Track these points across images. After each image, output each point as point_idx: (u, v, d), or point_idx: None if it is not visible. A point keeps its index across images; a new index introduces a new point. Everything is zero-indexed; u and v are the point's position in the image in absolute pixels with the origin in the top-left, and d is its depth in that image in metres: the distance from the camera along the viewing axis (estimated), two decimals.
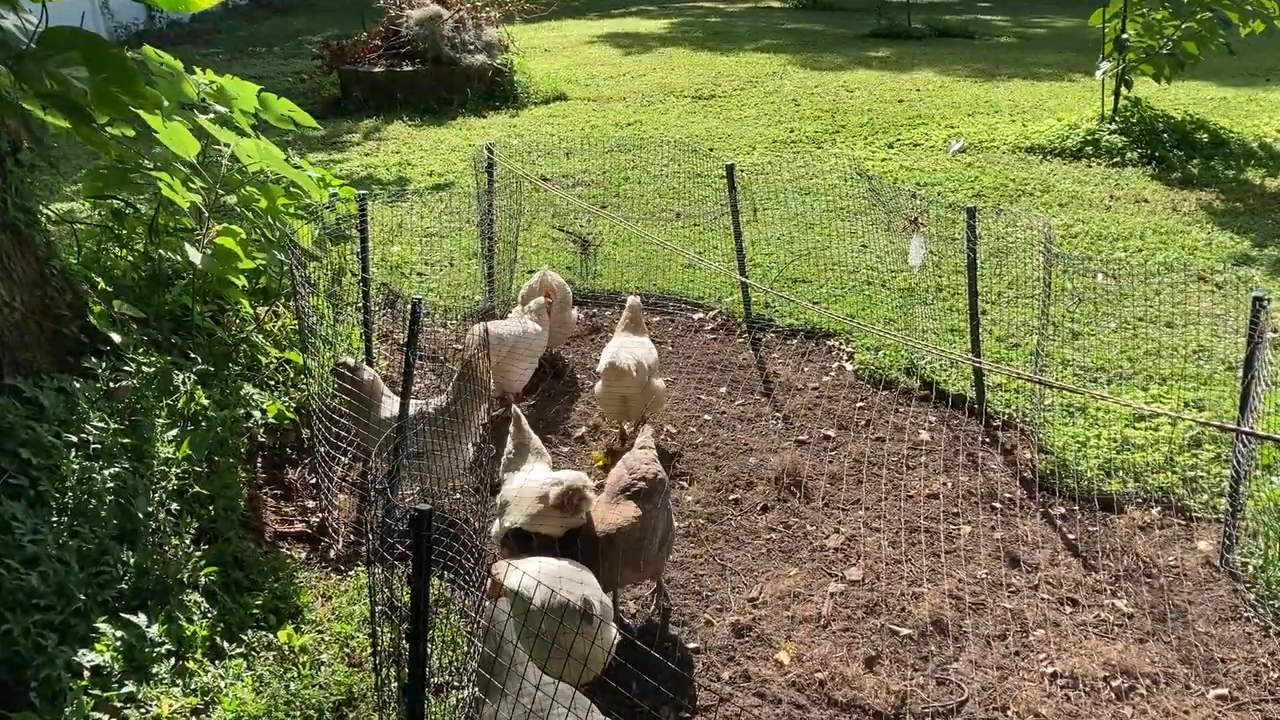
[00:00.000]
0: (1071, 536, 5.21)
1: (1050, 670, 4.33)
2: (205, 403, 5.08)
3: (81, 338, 5.12)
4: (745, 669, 4.32)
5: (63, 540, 3.98)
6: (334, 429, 5.14)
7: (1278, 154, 11.21)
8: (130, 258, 6.00)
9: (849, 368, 6.96)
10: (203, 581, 4.33)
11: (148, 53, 5.52)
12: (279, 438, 5.71)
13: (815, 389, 6.70)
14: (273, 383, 5.81)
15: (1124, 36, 11.33)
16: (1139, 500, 5.44)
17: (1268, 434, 4.39)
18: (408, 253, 8.60)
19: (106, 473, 4.33)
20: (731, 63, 17.85)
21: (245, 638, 4.17)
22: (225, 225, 5.80)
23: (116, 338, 5.23)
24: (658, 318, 7.79)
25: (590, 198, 10.35)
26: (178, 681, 3.89)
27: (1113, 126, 11.58)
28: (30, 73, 4.46)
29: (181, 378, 5.10)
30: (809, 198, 10.06)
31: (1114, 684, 4.25)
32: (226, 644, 4.13)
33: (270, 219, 6.07)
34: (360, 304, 6.04)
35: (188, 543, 4.40)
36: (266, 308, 6.22)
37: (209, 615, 4.23)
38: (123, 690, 3.76)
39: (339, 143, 13.00)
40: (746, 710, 4.08)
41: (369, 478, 5.59)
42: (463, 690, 3.88)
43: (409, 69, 14.96)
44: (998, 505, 5.47)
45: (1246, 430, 4.54)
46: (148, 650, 3.93)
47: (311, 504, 5.41)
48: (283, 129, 6.40)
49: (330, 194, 6.41)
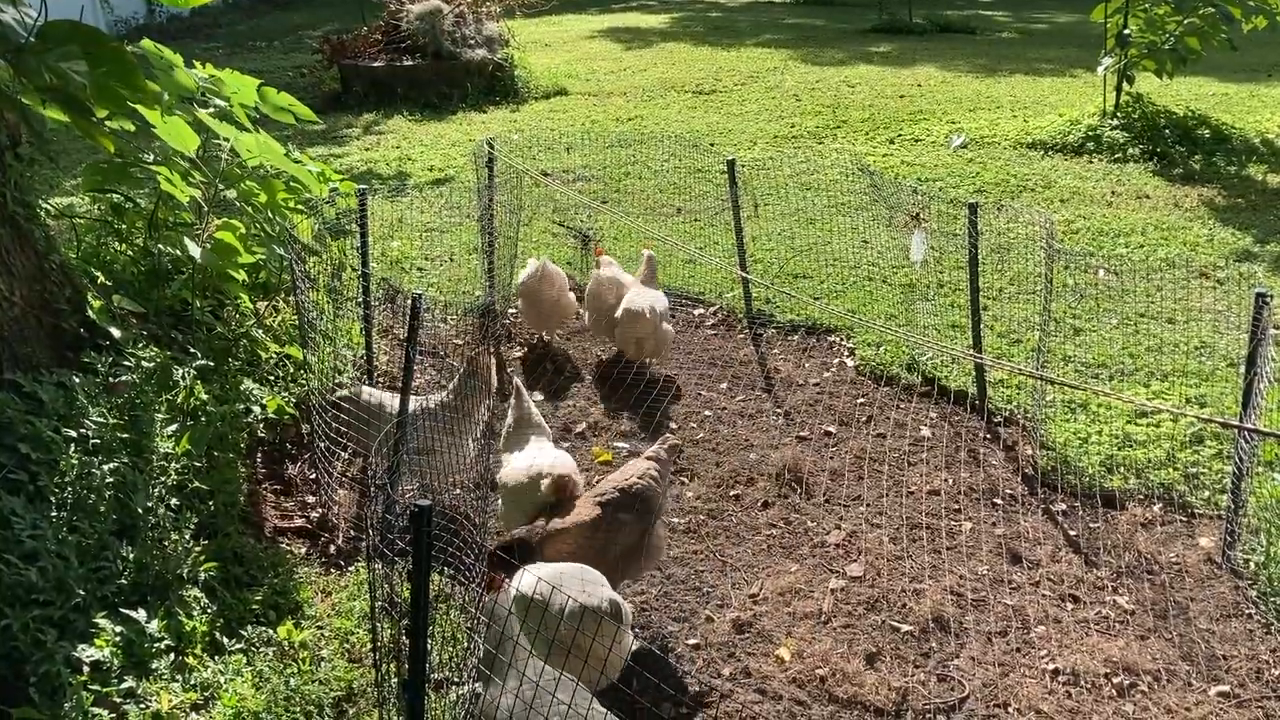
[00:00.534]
0: (1073, 533, 5.20)
1: (1051, 667, 4.32)
2: (205, 398, 5.07)
3: (81, 332, 5.11)
4: (746, 665, 4.31)
5: (62, 535, 3.96)
6: (334, 425, 5.13)
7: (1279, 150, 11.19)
8: (130, 253, 5.99)
9: (850, 364, 6.94)
10: (202, 577, 4.32)
11: (147, 47, 5.50)
12: (279, 433, 5.70)
13: (816, 385, 6.69)
14: (272, 378, 5.80)
15: (1126, 32, 11.31)
16: (1140, 497, 5.43)
17: (1270, 430, 4.37)
18: (408, 248, 8.59)
19: (106, 468, 4.32)
20: (732, 58, 17.82)
21: (245, 633, 4.16)
22: (225, 220, 5.79)
23: (116, 332, 5.22)
24: None
25: (591, 193, 10.33)
26: (177, 677, 3.88)
27: (1114, 122, 11.56)
28: (29, 66, 4.44)
29: (181, 373, 5.09)
30: (810, 193, 10.05)
31: (1115, 681, 4.24)
32: (226, 639, 4.12)
33: (270, 214, 6.06)
34: (360, 299, 6.03)
35: (187, 538, 4.38)
36: (266, 303, 6.20)
37: (209, 611, 4.22)
38: (122, 686, 3.75)
39: (339, 137, 12.98)
40: (747, 706, 4.08)
41: (369, 473, 5.58)
42: (463, 686, 3.88)
43: (409, 64, 14.93)
44: (999, 502, 5.46)
45: (1248, 426, 4.53)
46: (147, 646, 3.92)
47: (311, 499, 5.41)
48: (282, 123, 6.39)
49: (330, 189, 6.39)
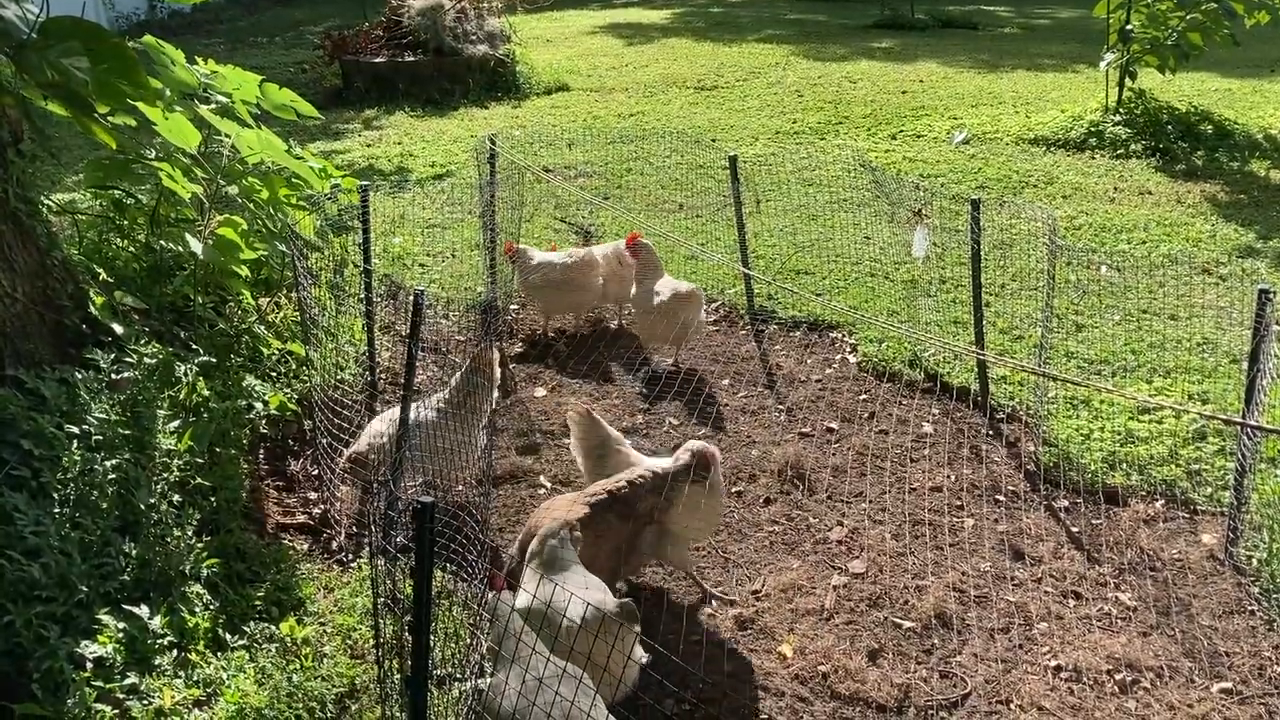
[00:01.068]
0: (1075, 530, 5.20)
1: (1054, 663, 4.32)
2: (207, 394, 5.08)
3: (83, 329, 5.12)
4: (748, 661, 4.31)
5: (64, 532, 3.97)
6: (336, 420, 5.13)
7: None
8: (132, 249, 5.99)
9: (852, 360, 6.94)
10: (204, 573, 4.32)
11: (149, 43, 5.50)
12: (281, 429, 5.70)
13: (818, 381, 6.69)
14: (274, 374, 5.80)
15: (1128, 27, 11.29)
16: (1143, 493, 5.42)
17: (1273, 427, 4.37)
18: (410, 244, 8.58)
19: (108, 464, 4.32)
20: (734, 53, 17.80)
21: (247, 629, 4.16)
22: (227, 216, 5.79)
23: (118, 329, 5.22)
24: None
25: (592, 189, 10.33)
26: (180, 673, 3.88)
27: (1117, 118, 11.54)
28: (31, 62, 4.44)
29: (183, 369, 5.10)
30: (812, 189, 10.04)
31: (1117, 677, 4.24)
32: (229, 636, 4.13)
33: (272, 210, 6.06)
34: (362, 295, 6.03)
35: (190, 534, 4.39)
36: (268, 299, 6.20)
37: (211, 607, 4.22)
38: (125, 682, 3.75)
39: (340, 133, 12.98)
40: (749, 703, 4.08)
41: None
42: (465, 683, 3.88)
43: (410, 59, 14.92)
44: (1001, 498, 5.46)
45: (1251, 423, 4.52)
46: (150, 642, 3.92)
47: (314, 495, 5.41)
48: (284, 119, 6.39)
49: (332, 185, 6.39)
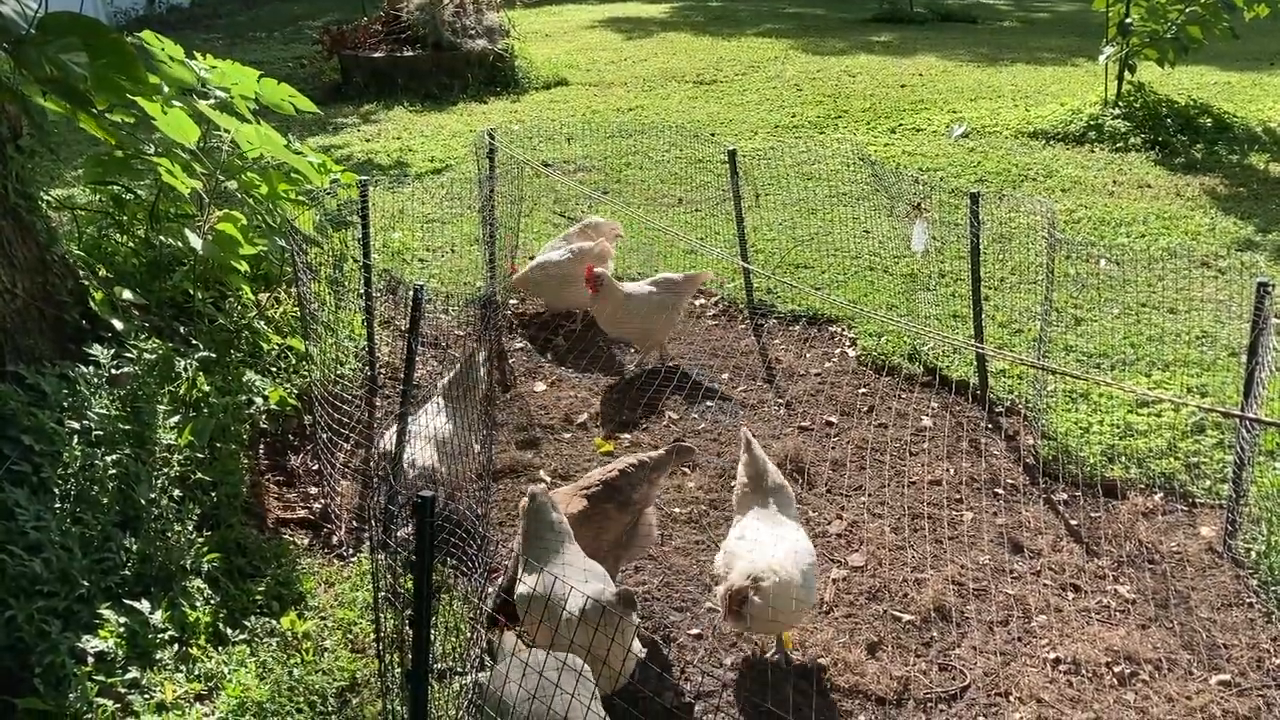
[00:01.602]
0: (1074, 522, 5.21)
1: (1052, 656, 4.33)
2: (207, 389, 5.08)
3: (83, 324, 5.12)
4: (748, 655, 4.32)
5: (65, 527, 3.98)
6: (336, 415, 5.14)
7: None
8: (131, 244, 6.00)
9: (851, 354, 6.95)
10: (205, 568, 4.33)
11: (147, 38, 5.50)
12: (281, 424, 5.71)
13: (818, 375, 6.70)
14: (274, 369, 5.81)
15: (1128, 21, 11.28)
16: (1142, 486, 5.43)
17: (1271, 419, 4.37)
18: (409, 239, 8.59)
19: (109, 459, 4.33)
20: (733, 47, 17.79)
21: (248, 624, 4.17)
22: (226, 211, 5.79)
23: (118, 324, 5.23)
24: None
25: (591, 183, 10.33)
26: (181, 667, 3.89)
27: (1116, 111, 11.54)
28: (29, 58, 4.44)
29: (183, 364, 5.10)
30: (811, 183, 10.04)
31: (1116, 669, 4.25)
32: (229, 630, 4.14)
33: (271, 205, 6.06)
34: (362, 290, 6.03)
35: (190, 529, 4.40)
36: (268, 294, 6.21)
37: (212, 602, 4.23)
38: (127, 676, 3.77)
39: (339, 128, 12.97)
40: (748, 695, 4.09)
41: (371, 464, 5.59)
42: (465, 676, 3.89)
43: (409, 54, 14.90)
44: (1000, 491, 5.47)
45: (1250, 416, 4.53)
46: (151, 636, 3.93)
47: (314, 490, 5.41)
48: (282, 114, 6.39)
49: (331, 180, 6.39)
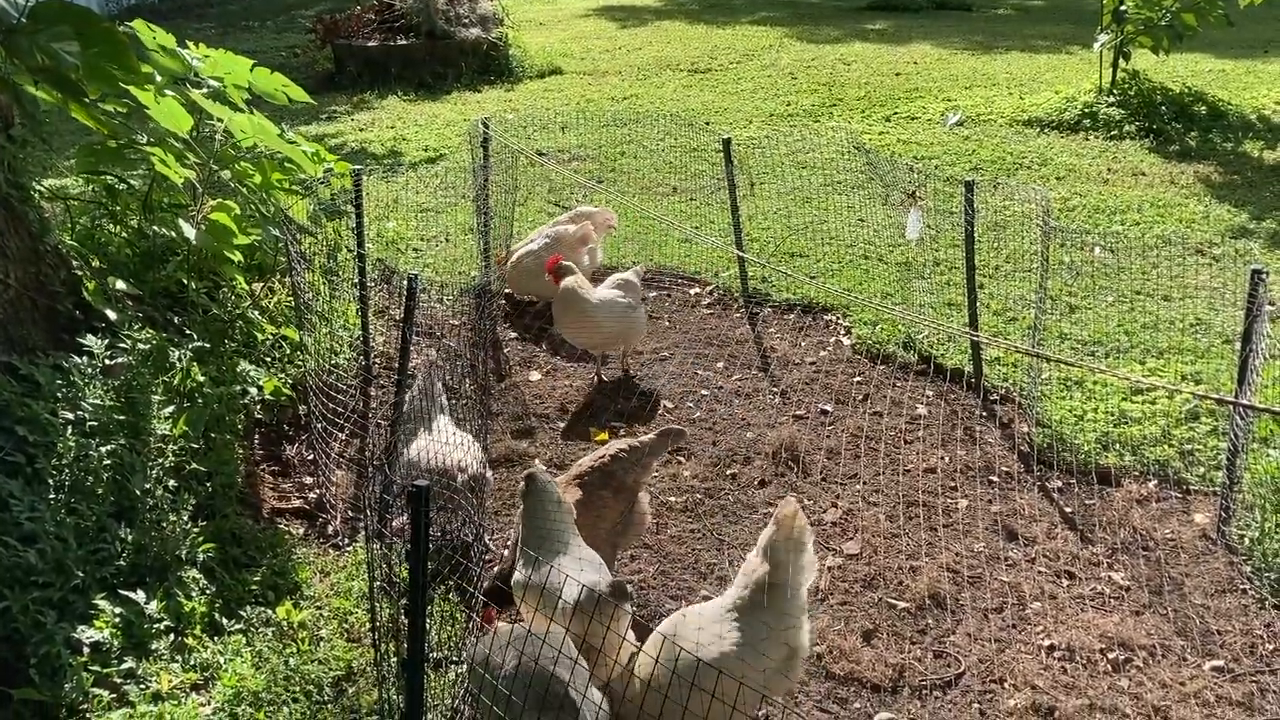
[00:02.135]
0: (1068, 510, 5.22)
1: (1047, 643, 4.34)
2: (201, 379, 5.07)
3: (76, 315, 5.11)
4: None
5: (60, 517, 3.97)
6: (331, 405, 5.13)
7: (1276, 126, 11.18)
8: (125, 234, 5.98)
9: (846, 342, 6.95)
10: (201, 558, 4.33)
11: (139, 27, 5.47)
12: (276, 414, 5.70)
13: (812, 364, 6.70)
14: (269, 359, 5.79)
15: (1122, 8, 11.26)
16: (1136, 473, 5.45)
17: (1265, 406, 4.38)
18: (403, 228, 8.57)
19: (103, 450, 4.33)
20: (728, 36, 17.74)
21: (244, 614, 4.17)
22: (220, 201, 5.77)
23: (112, 315, 5.21)
24: (654, 293, 7.77)
25: (586, 172, 10.31)
26: (177, 657, 3.90)
27: (1111, 99, 11.54)
28: (21, 47, 4.43)
29: (177, 354, 5.09)
30: (806, 171, 10.03)
31: (1110, 656, 4.26)
32: (225, 620, 4.14)
33: (265, 194, 6.04)
34: (356, 280, 6.02)
35: (185, 519, 4.40)
36: (262, 284, 6.19)
37: (207, 592, 4.24)
38: (122, 666, 3.78)
39: (333, 118, 12.94)
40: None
41: (366, 454, 5.60)
42: (461, 665, 3.89)
43: (403, 43, 14.86)
44: (995, 479, 5.48)
45: (1243, 402, 4.54)
46: (147, 627, 3.94)
47: (309, 480, 5.41)
48: (276, 104, 6.37)
49: (325, 169, 6.37)
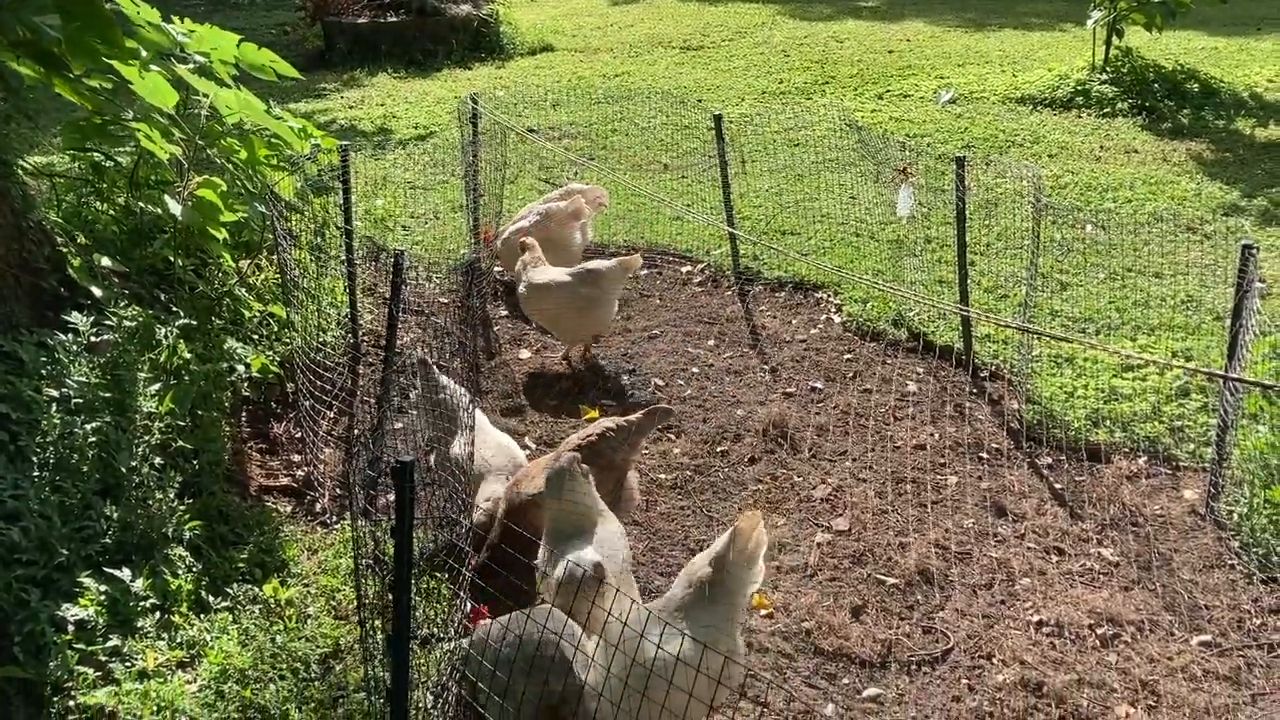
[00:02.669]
0: (1058, 486, 5.22)
1: (1036, 619, 4.34)
2: (188, 356, 5.04)
3: (61, 291, 5.08)
4: None
5: (44, 495, 3.95)
6: (319, 382, 5.11)
7: (1268, 104, 11.15)
8: (112, 212, 5.93)
9: (837, 320, 6.93)
10: (187, 536, 4.31)
11: (123, 2, 5.41)
12: (264, 392, 5.67)
13: (803, 341, 6.68)
14: (256, 336, 5.76)
15: None
16: (1126, 450, 5.45)
17: (1255, 379, 4.38)
18: (392, 206, 8.52)
19: (88, 427, 4.30)
20: (720, 13, 17.64)
21: (231, 591, 4.15)
22: (206, 178, 5.73)
23: (97, 291, 5.18)
24: (646, 271, 7.74)
25: (577, 150, 10.26)
26: (163, 635, 3.89)
27: (1103, 76, 11.48)
28: (2, 21, 4.38)
29: (164, 332, 5.06)
30: (798, 149, 9.99)
31: (1099, 632, 4.27)
32: (212, 598, 4.12)
33: (251, 171, 5.99)
34: (344, 257, 5.98)
35: (171, 497, 4.37)
36: (249, 261, 6.15)
37: (194, 569, 4.22)
38: (107, 644, 3.76)
39: (322, 95, 12.85)
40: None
41: (355, 432, 5.57)
42: (449, 642, 3.89)
43: (393, 20, 14.75)
44: (985, 456, 5.47)
45: (1234, 376, 4.53)
46: (132, 604, 3.92)
47: (297, 458, 5.39)
48: (264, 80, 6.31)
49: (312, 145, 6.32)
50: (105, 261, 5.48)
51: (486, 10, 15.11)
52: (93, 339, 4.78)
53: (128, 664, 3.72)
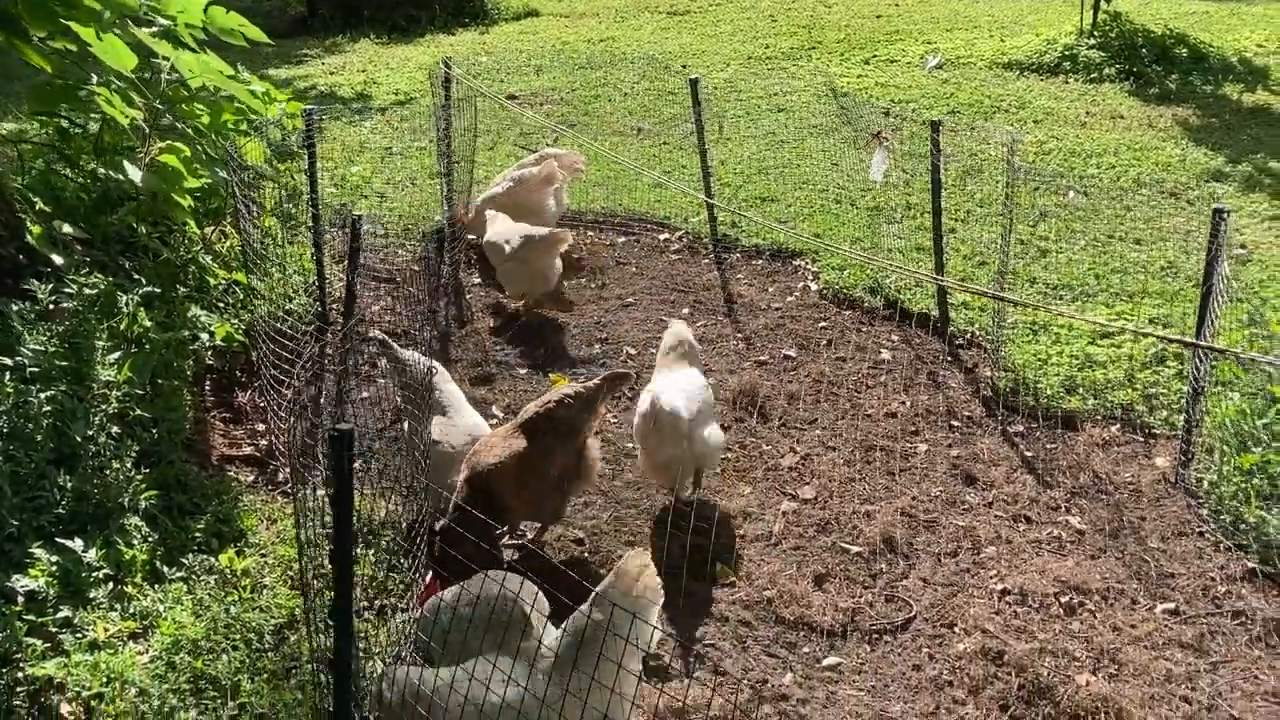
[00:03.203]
0: (1029, 454, 5.17)
1: (1000, 587, 4.31)
2: (148, 324, 4.98)
3: (20, 259, 5.01)
4: (691, 588, 4.28)
5: None
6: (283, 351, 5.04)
7: (1257, 69, 11.03)
8: (81, 179, 5.85)
9: (814, 287, 6.86)
10: (143, 505, 4.27)
11: None
12: (229, 360, 5.61)
13: (779, 309, 6.61)
14: (222, 304, 5.69)
15: None
16: (1099, 417, 5.40)
17: (1222, 348, 4.32)
18: (368, 173, 8.42)
19: (43, 396, 4.26)
20: None
21: (186, 561, 4.10)
22: (169, 143, 5.64)
23: (58, 259, 5.12)
24: (623, 238, 7.67)
25: (559, 115, 10.15)
26: (115, 606, 3.85)
27: (1091, 41, 11.37)
28: None
29: (125, 299, 4.99)
30: (783, 115, 9.89)
31: (1063, 600, 4.23)
32: (166, 568, 4.08)
33: (215, 136, 5.90)
34: (311, 224, 5.90)
35: (128, 466, 4.33)
36: (214, 228, 6.07)
37: (149, 539, 4.17)
38: (58, 615, 3.72)
39: (303, 61, 12.71)
40: (690, 629, 4.06)
41: (321, 401, 5.52)
42: (408, 611, 3.85)
43: None
44: (956, 424, 5.43)
45: (1203, 344, 4.48)
46: (85, 575, 3.88)
47: (261, 427, 5.34)
48: (240, 47, 6.21)
49: (280, 110, 6.23)
50: (67, 229, 5.41)
51: None
52: (50, 307, 4.72)
53: (78, 635, 3.68)
